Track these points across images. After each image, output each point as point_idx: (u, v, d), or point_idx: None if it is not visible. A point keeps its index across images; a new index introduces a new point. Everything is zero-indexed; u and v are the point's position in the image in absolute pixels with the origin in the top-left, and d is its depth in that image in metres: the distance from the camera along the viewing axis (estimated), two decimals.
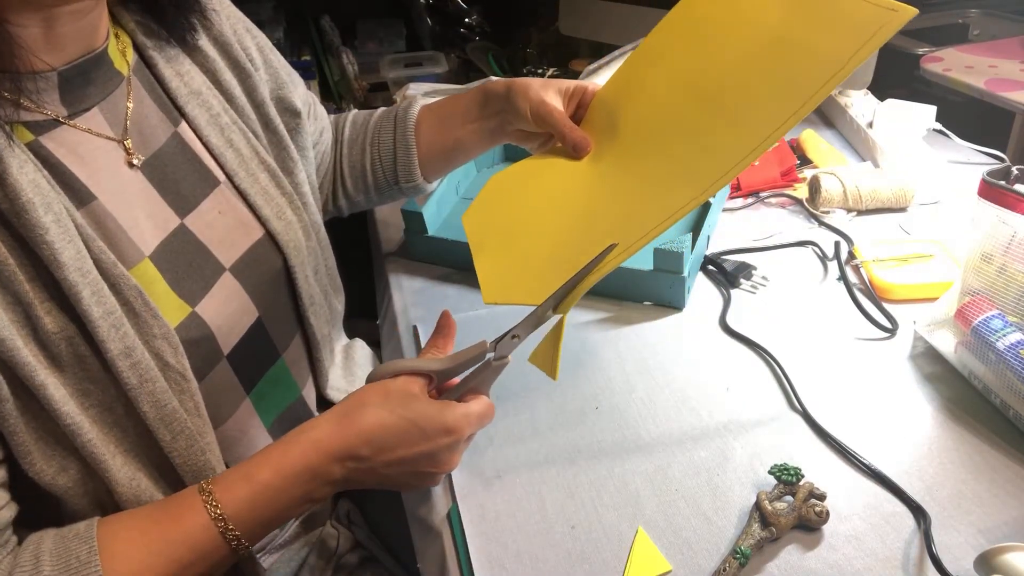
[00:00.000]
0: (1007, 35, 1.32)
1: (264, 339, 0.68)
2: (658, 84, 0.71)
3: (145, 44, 0.63)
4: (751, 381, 0.73)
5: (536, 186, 0.75)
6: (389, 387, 0.57)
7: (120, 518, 0.53)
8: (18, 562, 0.49)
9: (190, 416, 0.57)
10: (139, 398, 0.54)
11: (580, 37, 1.41)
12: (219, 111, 0.66)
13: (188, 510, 0.53)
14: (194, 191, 0.63)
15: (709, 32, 0.68)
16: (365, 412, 0.55)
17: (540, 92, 0.75)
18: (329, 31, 1.61)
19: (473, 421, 0.57)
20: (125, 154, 0.59)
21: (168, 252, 0.60)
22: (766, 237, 0.94)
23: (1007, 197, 0.63)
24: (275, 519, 0.55)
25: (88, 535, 0.50)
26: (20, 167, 0.49)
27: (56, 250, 0.49)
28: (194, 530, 0.52)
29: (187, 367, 0.57)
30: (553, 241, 0.67)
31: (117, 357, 0.52)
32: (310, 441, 0.55)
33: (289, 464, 0.54)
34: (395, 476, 0.57)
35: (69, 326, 0.51)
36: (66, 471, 0.53)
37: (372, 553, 0.80)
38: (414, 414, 0.55)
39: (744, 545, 0.56)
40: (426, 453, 0.56)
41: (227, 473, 0.55)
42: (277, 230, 0.68)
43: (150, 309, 0.55)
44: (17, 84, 0.51)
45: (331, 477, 0.55)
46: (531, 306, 0.61)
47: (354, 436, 0.55)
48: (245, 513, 0.53)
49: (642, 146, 0.69)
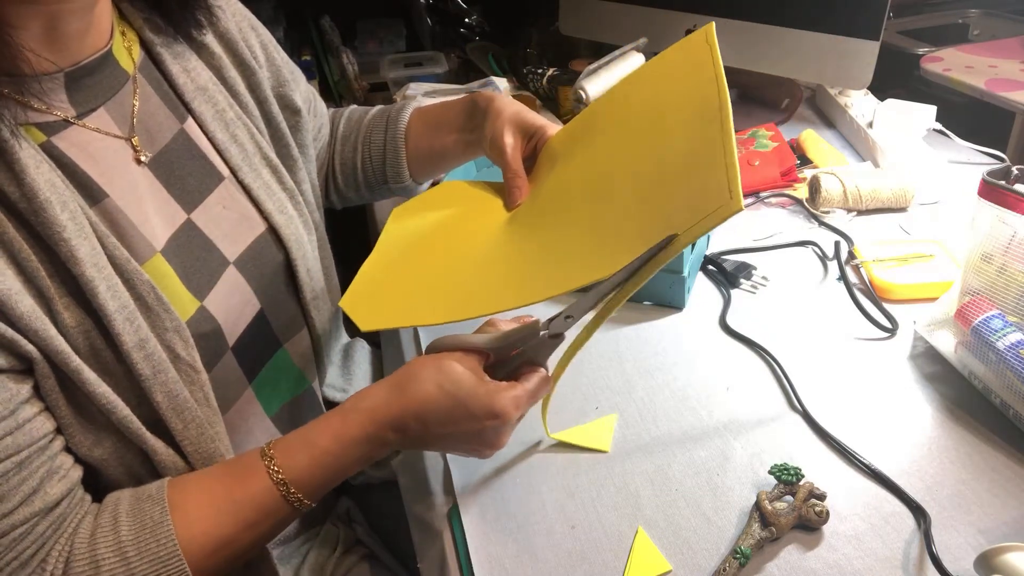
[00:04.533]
0: (1007, 35, 1.32)
1: (266, 331, 0.69)
2: (581, 161, 0.68)
3: (152, 41, 0.64)
4: (751, 381, 0.73)
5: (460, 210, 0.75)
6: (443, 362, 0.57)
7: (188, 480, 0.56)
8: (99, 523, 0.52)
9: (200, 406, 0.59)
10: (152, 388, 0.55)
11: (580, 37, 1.41)
12: (224, 107, 0.67)
13: (252, 474, 0.55)
14: (200, 186, 0.64)
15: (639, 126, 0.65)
16: (416, 386, 0.56)
17: (505, 123, 0.75)
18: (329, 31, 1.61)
19: (523, 402, 0.57)
20: (133, 151, 0.60)
21: (177, 247, 0.61)
22: (766, 237, 0.94)
23: (1007, 197, 0.63)
24: (334, 480, 0.57)
25: (159, 496, 0.54)
26: (36, 167, 0.51)
27: (73, 247, 0.51)
28: (258, 492, 0.55)
29: (197, 359, 0.58)
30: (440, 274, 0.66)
31: (132, 349, 0.54)
32: (366, 410, 0.56)
33: (348, 432, 0.56)
34: (445, 446, 0.59)
35: (86, 320, 0.53)
36: (101, 444, 0.55)
37: (372, 551, 0.80)
38: (464, 394, 0.55)
39: (744, 545, 0.56)
40: (472, 432, 0.56)
41: (288, 439, 0.57)
42: (279, 224, 0.69)
43: (162, 303, 0.56)
44: (25, 87, 0.53)
45: (387, 441, 0.57)
46: None
47: (403, 408, 0.55)
48: (306, 478, 0.56)
49: (547, 215, 0.67)
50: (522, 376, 0.58)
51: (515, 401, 0.56)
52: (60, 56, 0.54)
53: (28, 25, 0.51)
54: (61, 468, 0.52)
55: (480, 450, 0.58)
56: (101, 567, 0.50)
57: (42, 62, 0.53)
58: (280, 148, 0.73)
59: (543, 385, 0.59)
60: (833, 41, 1.09)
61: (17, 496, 0.49)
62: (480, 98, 0.79)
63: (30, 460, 0.50)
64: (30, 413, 0.51)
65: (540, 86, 1.33)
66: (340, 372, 0.85)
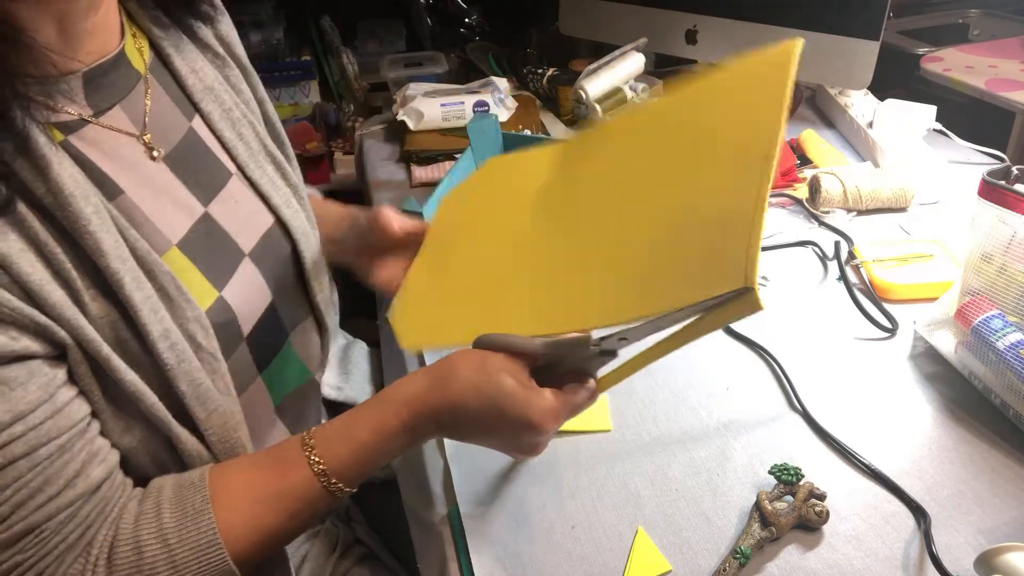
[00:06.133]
0: (1007, 35, 1.32)
1: (276, 321, 0.70)
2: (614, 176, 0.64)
3: (161, 42, 0.65)
4: (751, 381, 0.73)
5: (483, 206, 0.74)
6: (487, 360, 0.55)
7: (228, 469, 0.57)
8: (142, 509, 0.53)
9: (222, 395, 0.60)
10: (177, 377, 0.56)
11: (580, 37, 1.42)
12: (231, 106, 0.69)
13: (292, 464, 0.56)
14: (212, 181, 0.66)
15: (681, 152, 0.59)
16: (454, 382, 0.55)
17: None
18: (329, 31, 1.62)
19: (562, 414, 0.55)
20: (145, 148, 0.61)
21: (196, 239, 0.62)
22: (766, 237, 0.94)
23: (1007, 197, 0.63)
24: (373, 468, 0.58)
25: (201, 484, 0.55)
26: (60, 163, 0.52)
27: (99, 239, 0.52)
28: (298, 482, 0.56)
29: (217, 348, 0.59)
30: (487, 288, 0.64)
31: (157, 339, 0.55)
32: (402, 402, 0.56)
33: (386, 423, 0.56)
34: (482, 443, 0.59)
35: (112, 311, 0.54)
36: (131, 431, 0.56)
37: (372, 550, 0.80)
38: (502, 398, 0.54)
39: (744, 545, 0.56)
40: (505, 438, 0.56)
41: (326, 429, 0.58)
42: (288, 218, 0.70)
43: (183, 294, 0.57)
44: (47, 88, 0.54)
45: (425, 432, 0.57)
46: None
47: (439, 402, 0.55)
48: (346, 468, 0.56)
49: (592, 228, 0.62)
50: (567, 385, 0.56)
51: (553, 414, 0.54)
52: (76, 57, 0.56)
53: (42, 27, 0.52)
54: (101, 451, 0.53)
55: (515, 454, 0.59)
56: (144, 552, 0.51)
57: (67, 62, 0.54)
58: (279, 146, 0.75)
59: (588, 399, 0.56)
60: (833, 41, 1.09)
61: (61, 479, 0.50)
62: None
63: (71, 443, 0.51)
64: (68, 396, 0.52)
65: (540, 86, 1.34)
66: (338, 371, 0.85)
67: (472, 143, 1.09)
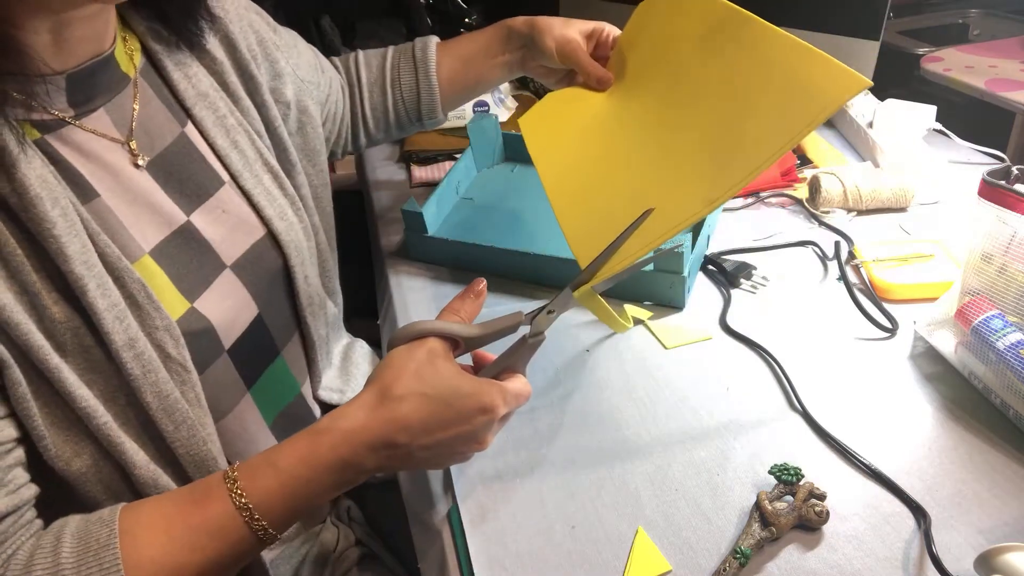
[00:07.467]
0: (1007, 35, 1.32)
1: (264, 336, 0.69)
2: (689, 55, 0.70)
3: (154, 48, 0.64)
4: (751, 381, 0.73)
5: (575, 117, 0.80)
6: (418, 358, 0.54)
7: (144, 504, 0.53)
8: (40, 543, 0.49)
9: (191, 407, 0.58)
10: (142, 388, 0.54)
11: None
12: (225, 113, 0.67)
13: (212, 498, 0.52)
14: (199, 189, 0.64)
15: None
16: (400, 400, 0.53)
17: (564, 31, 0.84)
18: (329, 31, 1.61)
19: (510, 400, 0.55)
20: (129, 155, 0.60)
21: (171, 248, 0.61)
22: (766, 237, 0.94)
23: (1007, 197, 0.63)
24: (304, 508, 0.54)
25: (110, 519, 0.50)
26: (28, 163, 0.51)
27: (63, 243, 0.51)
28: (218, 517, 0.51)
29: (187, 359, 0.58)
30: (602, 186, 0.70)
31: (121, 348, 0.53)
32: (342, 432, 0.53)
33: (319, 456, 0.52)
34: (429, 457, 0.55)
35: (75, 317, 0.52)
36: (80, 456, 0.53)
37: (372, 550, 0.80)
38: (449, 393, 0.53)
39: (744, 545, 0.56)
40: (463, 434, 0.54)
41: (253, 461, 0.54)
42: (279, 230, 0.69)
43: (152, 302, 0.56)
44: (27, 87, 0.53)
45: (364, 467, 0.53)
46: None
47: (390, 424, 0.52)
48: (272, 503, 0.52)
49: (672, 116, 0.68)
50: (504, 373, 0.58)
51: (502, 396, 0.54)
52: (63, 59, 0.55)
53: (38, 29, 0.52)
54: (11, 483, 0.50)
55: (464, 453, 0.57)
56: None
57: (54, 63, 0.54)
58: (280, 153, 0.73)
59: (524, 390, 0.57)
60: (833, 41, 1.09)
61: None
62: (515, 22, 0.88)
63: None
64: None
65: (540, 86, 1.33)
66: (339, 373, 0.84)
67: (472, 143, 1.09)
